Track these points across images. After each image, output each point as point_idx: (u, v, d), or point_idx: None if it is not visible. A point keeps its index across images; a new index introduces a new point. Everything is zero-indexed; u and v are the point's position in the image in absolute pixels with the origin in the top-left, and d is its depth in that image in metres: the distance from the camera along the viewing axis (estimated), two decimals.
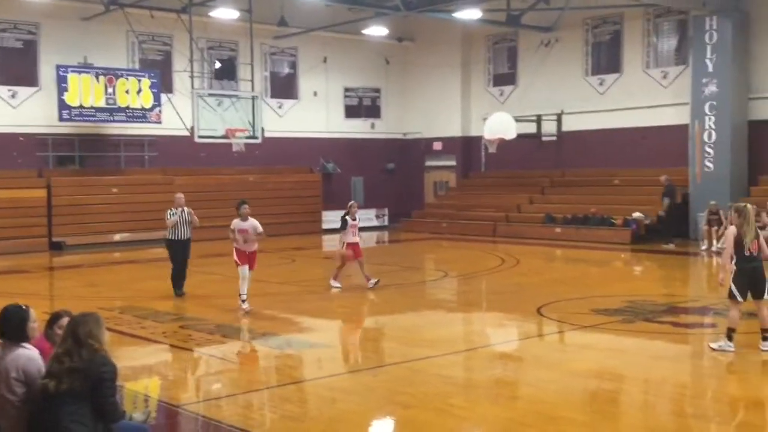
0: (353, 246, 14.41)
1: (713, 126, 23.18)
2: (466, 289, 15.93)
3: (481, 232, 25.53)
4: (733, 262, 9.13)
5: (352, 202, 15.44)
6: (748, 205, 9.27)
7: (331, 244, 20.77)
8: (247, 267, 12.47)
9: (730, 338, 9.12)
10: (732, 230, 9.14)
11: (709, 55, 23.04)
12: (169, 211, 13.87)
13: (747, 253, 9.01)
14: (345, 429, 6.95)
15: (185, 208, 13.86)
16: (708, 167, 23.31)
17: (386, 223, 29.59)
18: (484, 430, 7.05)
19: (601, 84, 26.79)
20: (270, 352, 10.12)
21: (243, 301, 12.33)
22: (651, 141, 25.08)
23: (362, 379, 8.55)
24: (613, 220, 23.30)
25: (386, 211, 29.87)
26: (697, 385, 8.57)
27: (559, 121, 27.62)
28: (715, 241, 20.38)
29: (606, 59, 26.71)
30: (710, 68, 23.04)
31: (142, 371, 9.10)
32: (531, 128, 27.18)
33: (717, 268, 18.38)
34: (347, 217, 14.47)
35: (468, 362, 9.55)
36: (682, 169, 23.86)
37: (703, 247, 20.81)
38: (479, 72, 29.84)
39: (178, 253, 13.87)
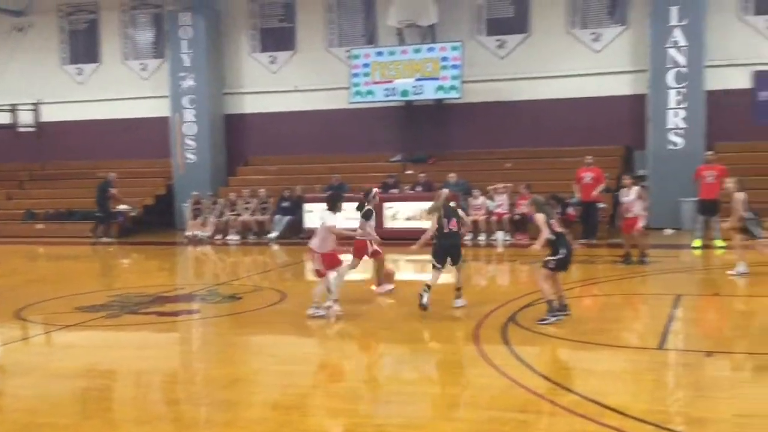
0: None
1: (193, 119, 24.02)
2: None
3: None
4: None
5: (375, 189, 12.36)
6: (444, 190, 11.42)
7: None
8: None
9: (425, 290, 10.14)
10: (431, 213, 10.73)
11: (185, 49, 23.79)
12: None
13: (446, 230, 10.42)
14: None
15: None
16: (190, 159, 24.10)
17: None
18: None
19: (80, 74, 25.94)
20: None
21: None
22: (135, 132, 25.03)
23: None
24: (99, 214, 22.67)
25: None
26: (187, 371, 8.72)
27: (36, 111, 26.05)
28: (198, 230, 21.15)
29: (84, 48, 25.91)
30: (187, 62, 23.81)
31: None
32: (5, 118, 25.19)
33: (201, 253, 19.14)
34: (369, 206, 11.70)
35: None
36: (167, 160, 24.30)
37: (188, 234, 21.35)
38: None
39: None
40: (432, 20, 21.91)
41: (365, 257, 11.71)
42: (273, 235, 20.61)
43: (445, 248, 10.46)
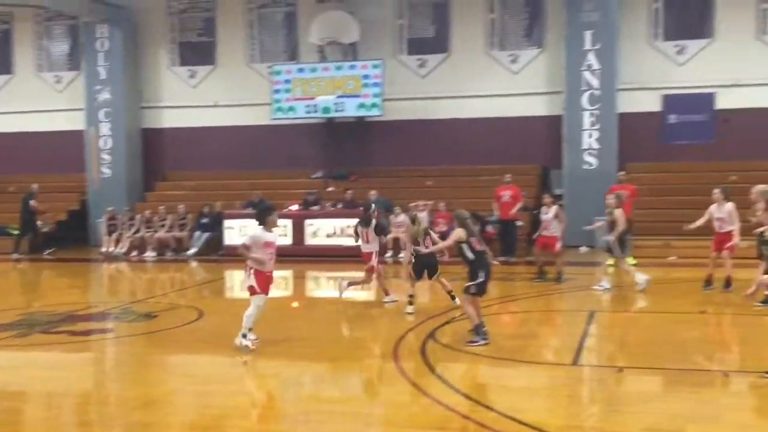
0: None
1: (109, 132, 23.52)
2: None
3: None
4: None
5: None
6: (417, 214, 12.57)
7: None
8: None
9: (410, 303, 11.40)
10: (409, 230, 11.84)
11: (101, 62, 23.33)
12: None
13: (422, 247, 11.39)
14: None
15: None
16: (105, 173, 23.58)
17: None
18: None
19: None
20: None
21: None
22: (48, 146, 24.37)
23: None
24: (12, 231, 21.90)
25: None
26: (100, 392, 8.48)
27: None
28: (113, 246, 20.70)
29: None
30: (103, 75, 23.35)
31: None
32: None
33: (116, 270, 18.72)
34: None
35: None
36: (81, 175, 23.71)
37: (103, 250, 20.91)
38: None
39: None
40: (353, 38, 22.05)
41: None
42: (191, 251, 20.30)
43: (424, 264, 11.57)
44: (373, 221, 12.62)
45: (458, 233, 9.60)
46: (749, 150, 19.74)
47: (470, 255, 9.51)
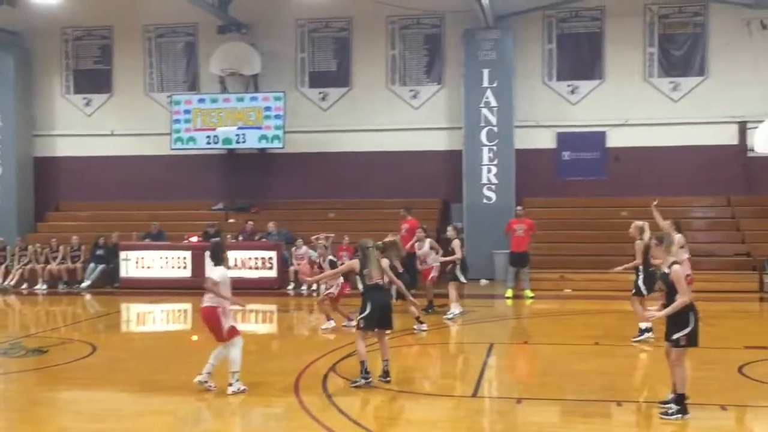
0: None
1: None
2: None
3: None
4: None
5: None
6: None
7: None
8: None
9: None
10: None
11: None
12: None
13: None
14: None
15: None
16: None
17: None
18: None
19: None
20: None
21: None
22: None
23: None
24: None
25: None
26: None
27: None
28: (1, 279, 19.86)
29: None
30: None
31: None
32: None
33: (4, 303, 17.94)
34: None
35: None
36: None
37: None
38: None
39: None
40: (255, 70, 21.98)
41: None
42: (85, 284, 19.64)
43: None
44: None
45: (352, 264, 9.44)
46: (638, 186, 20.57)
47: (361, 287, 9.38)
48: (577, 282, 18.28)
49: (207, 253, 9.56)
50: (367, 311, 9.10)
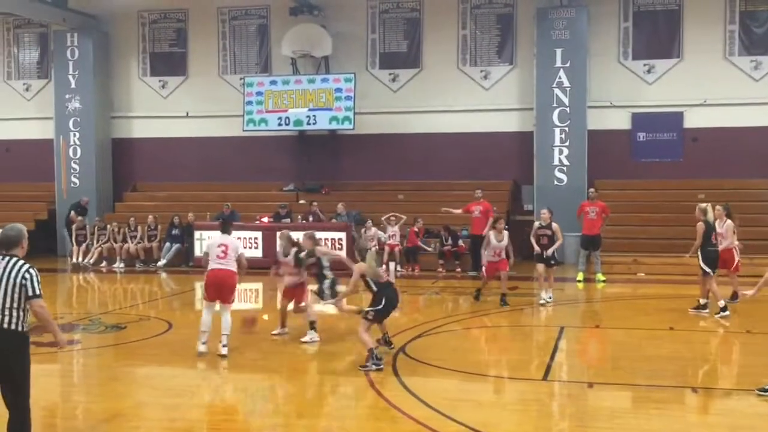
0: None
1: (78, 142, 23.30)
2: None
3: None
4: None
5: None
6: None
7: None
8: None
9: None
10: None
11: (71, 71, 23.13)
12: None
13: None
14: None
15: None
16: (74, 183, 23.33)
17: None
18: None
19: None
20: None
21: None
22: (16, 154, 24.11)
23: None
24: None
25: None
26: (66, 404, 8.36)
27: None
28: (82, 257, 20.53)
29: None
30: (73, 84, 23.14)
31: None
32: None
33: (84, 281, 18.51)
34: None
35: None
36: (50, 184, 23.45)
37: (71, 261, 20.71)
38: None
39: None
40: (326, 52, 22.07)
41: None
42: (161, 263, 20.14)
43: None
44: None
45: (360, 267, 9.45)
46: (716, 168, 20.03)
47: (374, 287, 9.45)
48: (651, 266, 17.92)
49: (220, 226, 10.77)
50: (381, 306, 9.38)
